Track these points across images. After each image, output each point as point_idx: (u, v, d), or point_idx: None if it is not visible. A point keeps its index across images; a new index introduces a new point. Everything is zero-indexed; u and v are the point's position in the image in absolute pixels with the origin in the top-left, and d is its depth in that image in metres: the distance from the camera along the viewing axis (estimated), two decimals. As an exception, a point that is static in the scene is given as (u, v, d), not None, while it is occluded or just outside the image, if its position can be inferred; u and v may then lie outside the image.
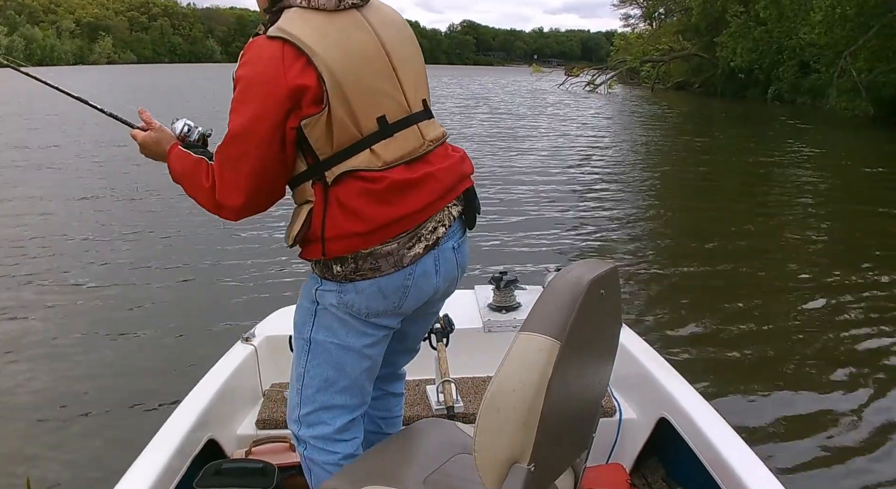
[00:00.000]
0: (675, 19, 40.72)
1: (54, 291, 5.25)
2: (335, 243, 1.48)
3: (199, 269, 5.77)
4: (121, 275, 5.61)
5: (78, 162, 11.32)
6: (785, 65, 27.11)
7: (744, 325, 4.63)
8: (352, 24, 1.49)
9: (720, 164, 12.49)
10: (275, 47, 1.41)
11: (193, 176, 1.54)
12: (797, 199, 9.10)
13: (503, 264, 5.42)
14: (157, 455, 1.78)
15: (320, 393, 1.63)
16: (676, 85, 37.95)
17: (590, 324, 1.26)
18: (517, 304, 2.60)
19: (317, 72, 1.40)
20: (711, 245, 6.80)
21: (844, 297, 5.19)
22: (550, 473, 1.35)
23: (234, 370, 2.31)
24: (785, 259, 6.32)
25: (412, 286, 1.55)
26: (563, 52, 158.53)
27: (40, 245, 6.47)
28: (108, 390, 3.68)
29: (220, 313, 4.73)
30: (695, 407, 1.99)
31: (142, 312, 4.79)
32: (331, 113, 1.42)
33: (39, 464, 2.99)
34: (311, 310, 1.60)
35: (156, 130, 1.67)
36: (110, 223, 7.34)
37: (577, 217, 7.87)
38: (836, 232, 7.54)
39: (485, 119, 19.36)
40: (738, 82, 30.96)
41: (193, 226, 7.07)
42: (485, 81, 47.79)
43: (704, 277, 5.81)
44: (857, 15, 19.92)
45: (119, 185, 9.30)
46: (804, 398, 3.63)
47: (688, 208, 8.80)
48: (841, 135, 17.78)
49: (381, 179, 1.47)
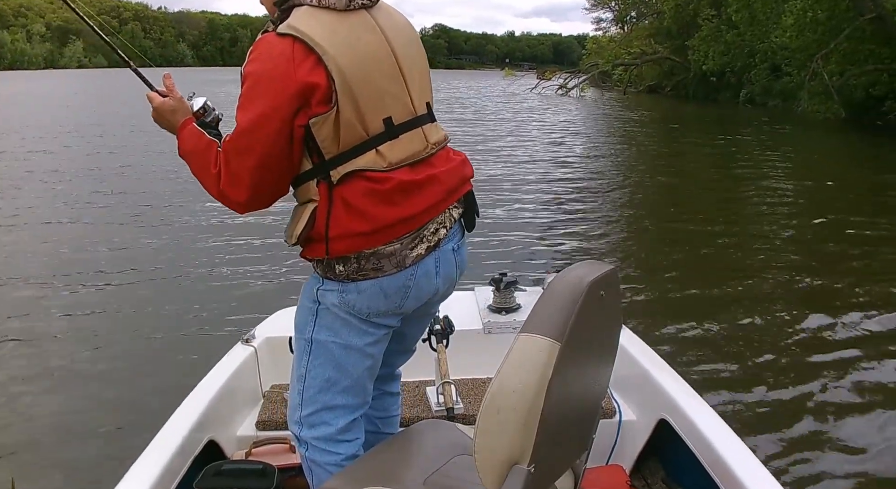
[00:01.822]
0: (647, 23, 40.66)
1: (53, 292, 5.25)
2: (339, 242, 1.48)
3: (199, 271, 5.77)
4: (121, 276, 5.61)
5: (69, 165, 11.31)
6: (757, 68, 27.09)
7: (744, 327, 4.63)
8: (361, 24, 1.49)
9: (715, 166, 12.49)
10: (285, 44, 1.40)
11: (203, 157, 1.52)
12: (789, 201, 9.12)
13: (503, 266, 5.43)
14: (158, 456, 1.77)
15: (322, 393, 1.62)
16: (648, 88, 37.84)
17: (590, 326, 1.26)
18: (517, 306, 2.60)
19: (326, 70, 1.40)
20: (712, 245, 6.81)
21: (848, 299, 5.19)
22: (550, 474, 1.35)
23: (234, 371, 2.31)
24: (787, 259, 6.32)
25: (413, 286, 1.56)
26: (535, 55, 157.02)
27: (37, 248, 6.47)
28: (108, 391, 3.68)
29: (220, 314, 4.73)
30: (695, 408, 1.99)
31: (142, 313, 4.79)
32: (339, 112, 1.42)
33: (38, 465, 2.99)
34: (313, 311, 1.60)
35: (175, 100, 1.63)
36: (109, 224, 7.34)
37: (578, 218, 7.88)
38: (834, 234, 7.53)
39: (464, 123, 19.27)
40: (710, 85, 31.07)
41: (193, 227, 7.08)
42: (457, 85, 47.50)
43: (704, 278, 5.81)
44: (829, 18, 19.92)
45: (118, 187, 9.31)
46: (804, 399, 3.63)
47: (688, 209, 8.80)
48: (813, 137, 17.83)
49: (387, 180, 1.48)
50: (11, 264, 5.93)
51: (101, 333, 4.45)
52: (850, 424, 3.37)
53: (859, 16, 19.34)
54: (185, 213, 7.62)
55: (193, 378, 2.24)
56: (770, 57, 25.86)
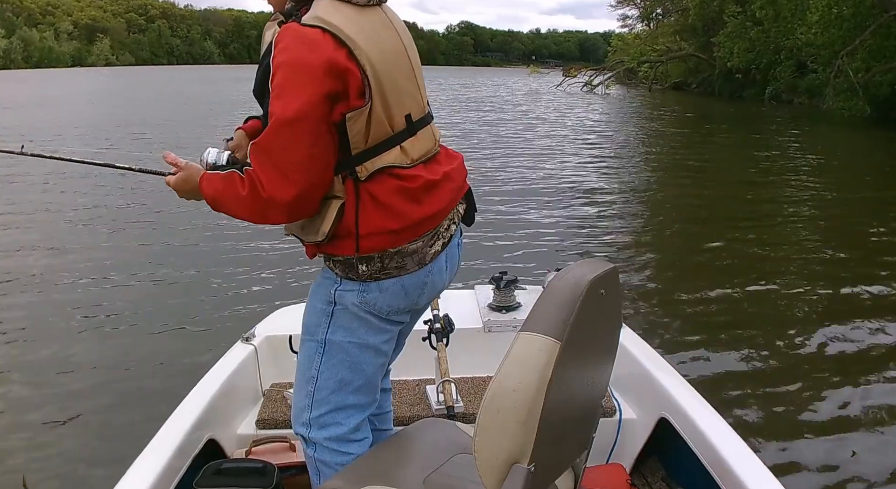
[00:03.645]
0: (673, 20, 40.52)
1: (54, 292, 5.25)
2: (370, 240, 1.47)
3: (199, 270, 5.76)
4: (121, 275, 5.61)
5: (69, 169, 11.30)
6: (782, 65, 27.03)
7: (744, 326, 4.63)
8: (379, 21, 1.50)
9: (718, 165, 12.47)
10: (315, 32, 1.37)
11: (228, 191, 1.45)
12: (795, 200, 9.09)
13: (503, 264, 5.43)
14: (157, 455, 1.77)
15: (335, 394, 1.62)
16: (674, 85, 37.79)
17: (590, 325, 1.26)
18: (517, 304, 2.60)
19: (359, 64, 1.39)
20: (711, 245, 6.80)
21: (846, 298, 5.20)
22: (550, 473, 1.35)
23: (234, 370, 2.30)
24: (786, 259, 6.32)
25: (430, 282, 1.58)
26: (561, 53, 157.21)
27: (37, 247, 6.47)
28: (108, 390, 3.68)
29: (220, 313, 4.73)
30: (695, 407, 1.99)
31: (142, 312, 4.78)
32: (372, 108, 1.42)
33: (38, 464, 2.99)
34: (327, 312, 1.58)
35: (183, 169, 1.57)
36: (108, 225, 7.34)
37: (578, 217, 7.87)
38: (835, 234, 7.53)
39: (485, 120, 19.33)
40: (736, 82, 30.86)
41: (193, 226, 7.08)
42: (483, 82, 47.67)
43: (704, 278, 5.81)
44: (854, 15, 19.85)
45: (117, 188, 9.30)
46: (804, 398, 3.63)
47: (687, 209, 8.79)
48: (839, 134, 17.73)
49: (415, 178, 1.49)
50: (11, 265, 5.92)
51: (101, 332, 4.45)
52: (850, 424, 3.37)
53: (884, 12, 19.20)
54: (184, 212, 7.61)
55: (193, 376, 2.24)
56: (795, 54, 25.71)
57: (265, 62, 1.43)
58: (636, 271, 5.82)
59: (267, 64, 1.41)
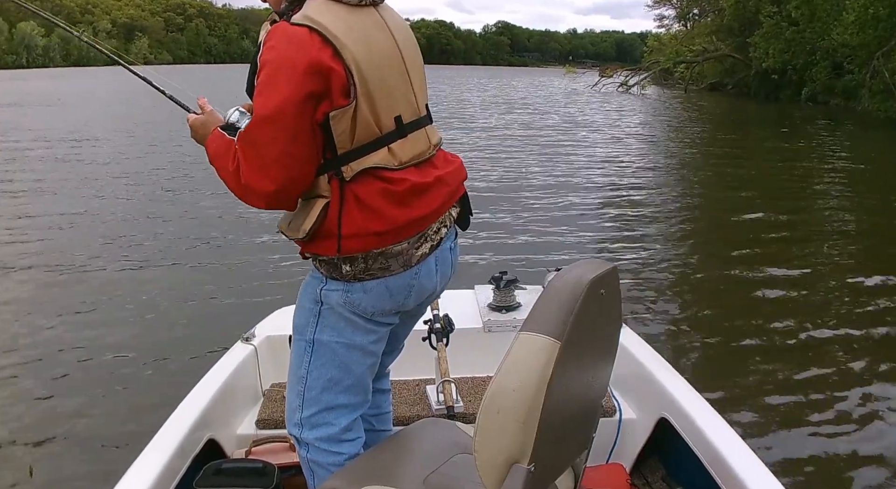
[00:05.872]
0: (709, 20, 39.93)
1: (54, 291, 5.25)
2: (352, 241, 1.47)
3: (199, 270, 5.76)
4: (120, 274, 5.61)
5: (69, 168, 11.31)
6: (818, 65, 26.62)
7: (744, 326, 4.63)
8: (371, 21, 1.50)
9: (725, 166, 12.43)
10: (303, 31, 1.39)
11: (223, 159, 1.49)
12: (810, 204, 9.06)
13: (503, 264, 5.42)
14: (157, 455, 1.77)
15: (324, 393, 1.62)
16: (710, 86, 37.22)
17: (590, 324, 1.26)
18: (517, 304, 2.60)
19: (344, 64, 1.40)
20: (711, 245, 6.80)
21: (848, 299, 5.19)
22: (550, 473, 1.35)
23: (234, 370, 2.30)
24: (786, 259, 6.31)
25: (416, 285, 1.57)
26: (598, 53, 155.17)
27: (41, 244, 6.47)
28: (108, 390, 3.68)
29: (220, 313, 4.73)
30: (695, 407, 1.99)
31: (142, 312, 4.78)
32: (357, 107, 1.42)
33: (39, 464, 2.99)
34: (315, 311, 1.59)
35: (206, 114, 1.63)
36: (109, 225, 7.34)
37: (578, 217, 7.87)
38: (849, 236, 7.48)
39: (518, 122, 19.20)
40: (772, 83, 30.33)
41: (193, 225, 7.08)
42: (518, 84, 47.30)
43: (704, 277, 5.81)
44: (890, 15, 19.53)
45: (115, 190, 9.30)
46: (805, 398, 3.63)
47: (687, 209, 8.80)
48: (874, 137, 17.30)
49: (401, 181, 1.48)
50: (14, 259, 5.92)
51: (101, 331, 4.45)
52: (851, 424, 3.37)
53: (921, 13, 18.96)
54: (184, 211, 7.62)
55: (193, 376, 2.24)
56: (831, 54, 25.39)
57: (254, 59, 1.46)
58: (636, 271, 5.81)
59: (256, 61, 1.45)
